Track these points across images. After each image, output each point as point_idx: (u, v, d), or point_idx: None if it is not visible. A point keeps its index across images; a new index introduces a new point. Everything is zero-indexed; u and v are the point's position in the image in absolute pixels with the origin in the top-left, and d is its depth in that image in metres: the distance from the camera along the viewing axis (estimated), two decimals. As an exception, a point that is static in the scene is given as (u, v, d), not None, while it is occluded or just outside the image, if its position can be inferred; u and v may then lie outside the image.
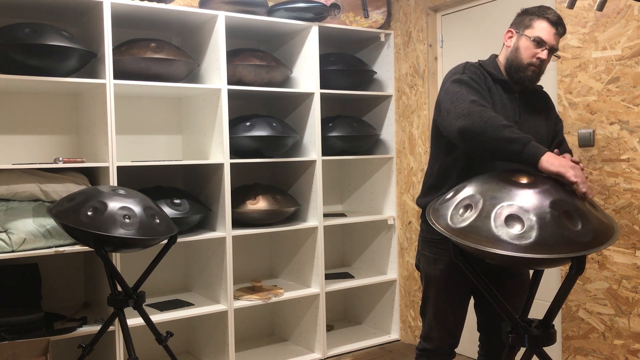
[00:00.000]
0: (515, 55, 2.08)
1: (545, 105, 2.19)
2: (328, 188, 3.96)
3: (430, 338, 2.14)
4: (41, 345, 2.35)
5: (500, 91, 2.09)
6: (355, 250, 3.98)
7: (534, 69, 2.05)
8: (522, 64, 2.06)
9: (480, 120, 1.86)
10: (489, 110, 1.89)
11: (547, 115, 2.18)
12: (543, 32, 2.03)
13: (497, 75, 2.10)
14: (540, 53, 2.03)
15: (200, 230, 3.16)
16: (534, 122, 2.12)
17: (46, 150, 2.98)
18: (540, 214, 1.60)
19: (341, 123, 3.49)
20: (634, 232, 2.50)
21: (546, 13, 2.05)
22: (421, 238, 2.20)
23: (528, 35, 2.05)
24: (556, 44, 2.06)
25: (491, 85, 2.08)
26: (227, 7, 3.09)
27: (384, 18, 3.66)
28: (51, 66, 2.59)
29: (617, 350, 2.57)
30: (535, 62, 2.04)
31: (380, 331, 3.79)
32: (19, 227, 2.52)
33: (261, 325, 3.71)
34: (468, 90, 1.97)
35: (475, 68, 2.09)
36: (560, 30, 2.05)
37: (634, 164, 2.50)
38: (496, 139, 1.83)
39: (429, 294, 2.14)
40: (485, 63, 2.15)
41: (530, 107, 2.13)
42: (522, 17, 2.10)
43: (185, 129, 3.36)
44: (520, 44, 2.07)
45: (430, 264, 2.13)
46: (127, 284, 2.47)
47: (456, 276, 2.08)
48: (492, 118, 1.85)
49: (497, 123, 1.84)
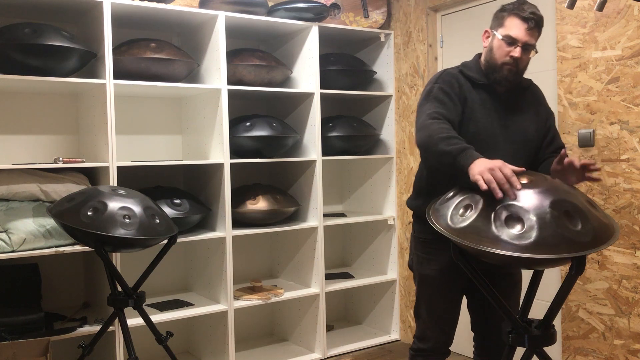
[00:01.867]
0: (490, 55, 2.05)
1: (534, 102, 2.15)
2: (328, 188, 3.96)
3: (425, 338, 2.13)
4: (41, 345, 2.35)
5: (483, 95, 2.06)
6: (355, 250, 3.98)
7: (510, 68, 2.01)
8: (497, 64, 2.02)
9: (426, 133, 1.88)
10: (438, 123, 1.88)
11: (536, 112, 2.14)
12: (514, 29, 1.98)
13: (479, 80, 2.07)
14: (513, 51, 1.99)
15: (200, 230, 3.16)
16: (521, 122, 2.09)
17: (46, 150, 2.98)
18: (540, 214, 1.60)
19: (341, 123, 3.49)
20: (634, 232, 2.50)
21: (518, 9, 1.99)
22: (414, 238, 2.19)
23: (499, 34, 2.01)
24: (530, 39, 2.00)
25: (469, 92, 2.05)
26: (227, 7, 3.09)
27: (384, 18, 3.66)
28: (51, 66, 2.59)
29: (617, 350, 2.57)
30: (509, 60, 2.00)
31: (380, 331, 3.79)
32: (19, 227, 2.52)
33: (261, 325, 3.71)
34: (432, 103, 1.98)
35: (451, 77, 2.06)
36: (532, 24, 1.98)
37: (634, 164, 2.50)
38: (435, 153, 1.86)
39: (423, 294, 2.14)
40: (467, 67, 2.11)
41: (516, 106, 2.10)
42: (497, 15, 2.06)
43: (185, 129, 3.36)
44: (494, 43, 2.04)
45: (424, 264, 2.12)
46: (127, 284, 2.47)
47: (450, 276, 2.08)
48: (435, 131, 1.86)
49: (437, 136, 1.84)
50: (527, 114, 2.11)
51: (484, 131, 2.04)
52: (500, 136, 2.05)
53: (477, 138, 2.02)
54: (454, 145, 1.82)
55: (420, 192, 2.16)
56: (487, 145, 2.03)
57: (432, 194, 2.07)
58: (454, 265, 2.06)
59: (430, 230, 2.08)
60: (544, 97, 2.20)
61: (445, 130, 1.87)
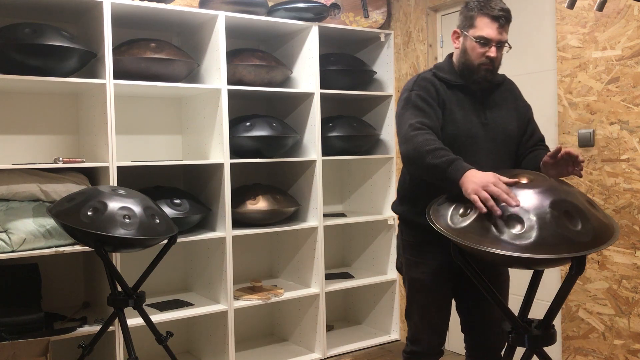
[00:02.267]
0: (464, 57, 2.03)
1: (512, 96, 2.14)
2: (328, 188, 3.96)
3: (418, 340, 2.12)
4: (41, 345, 2.35)
5: (459, 95, 2.05)
6: (355, 250, 3.98)
7: (487, 67, 2.00)
8: (473, 65, 2.01)
9: (412, 146, 1.87)
10: (422, 135, 1.87)
11: (515, 106, 2.13)
12: (486, 29, 1.96)
13: (454, 81, 2.05)
14: (488, 52, 1.98)
15: (200, 230, 3.16)
16: (502, 119, 2.07)
17: (46, 150, 2.98)
18: (540, 214, 1.60)
19: (341, 123, 3.49)
20: (634, 232, 2.50)
21: (487, 7, 1.97)
22: (402, 242, 2.17)
23: (472, 36, 1.99)
24: (503, 37, 1.98)
25: (446, 94, 2.03)
26: (227, 7, 3.09)
27: (384, 18, 3.66)
28: (51, 66, 2.59)
29: (617, 350, 2.57)
30: (485, 61, 1.99)
31: (380, 331, 3.79)
32: (19, 227, 2.52)
33: (261, 325, 3.71)
34: (412, 111, 1.96)
35: (426, 81, 2.04)
36: (503, 21, 1.97)
37: (634, 164, 2.50)
38: (423, 166, 1.85)
39: (414, 297, 2.12)
40: (440, 68, 2.09)
41: (495, 103, 2.09)
42: (464, 14, 2.03)
43: (185, 129, 3.36)
44: (466, 45, 2.02)
45: (413, 267, 2.10)
46: (127, 284, 2.47)
47: (440, 278, 2.07)
48: (421, 144, 1.85)
49: (423, 149, 1.84)
50: (506, 109, 2.10)
51: (464, 132, 2.02)
52: (481, 135, 2.04)
53: (458, 139, 2.01)
54: (442, 158, 1.81)
55: (405, 197, 2.14)
56: (469, 145, 2.02)
57: (417, 199, 2.07)
58: (444, 268, 2.06)
59: (419, 234, 2.09)
60: (519, 91, 2.19)
61: (430, 141, 1.86)
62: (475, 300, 2.12)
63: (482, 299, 2.10)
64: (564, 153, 1.85)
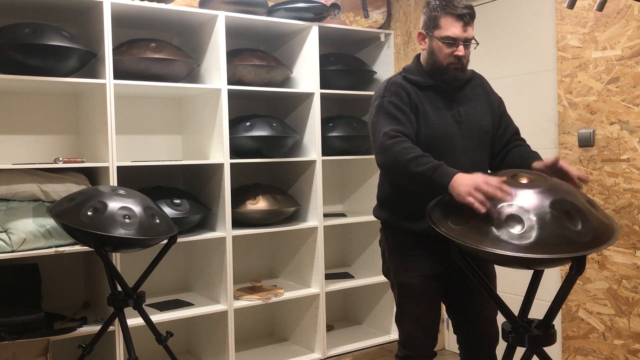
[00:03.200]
0: (432, 58, 2.02)
1: (483, 91, 2.12)
2: (328, 188, 3.96)
3: (411, 345, 2.10)
4: (41, 345, 2.35)
5: (431, 96, 2.03)
6: (355, 250, 3.98)
7: (456, 66, 1.99)
8: (442, 66, 2.00)
9: (391, 156, 1.86)
10: (399, 143, 1.86)
11: (488, 101, 2.11)
12: (451, 29, 1.95)
13: (424, 82, 2.04)
14: (456, 51, 1.97)
15: (200, 230, 3.16)
16: (475, 115, 2.06)
17: (46, 150, 2.98)
18: (540, 214, 1.60)
19: (341, 123, 3.49)
20: (634, 232, 2.50)
21: (450, 7, 1.96)
22: (387, 247, 2.15)
23: (438, 37, 1.98)
24: (469, 34, 1.97)
25: (417, 96, 2.01)
26: (227, 7, 3.09)
27: (384, 18, 3.66)
28: (51, 66, 2.59)
29: (617, 350, 2.57)
30: (454, 60, 1.98)
31: (380, 331, 3.79)
32: (19, 227, 2.52)
33: (261, 325, 3.71)
34: (385, 119, 1.95)
35: (397, 86, 2.02)
36: (468, 19, 1.96)
37: (634, 164, 2.50)
38: (406, 175, 1.84)
39: (404, 302, 2.10)
40: (409, 70, 2.08)
41: (468, 99, 2.07)
42: (428, 15, 2.02)
43: (185, 129, 3.36)
44: (433, 46, 2.00)
45: (402, 272, 2.09)
46: (127, 284, 2.47)
47: (429, 281, 2.05)
48: (400, 153, 1.84)
49: (404, 159, 1.83)
50: (479, 105, 2.09)
51: (440, 132, 2.01)
52: (457, 134, 2.02)
53: (434, 140, 2.00)
54: (425, 165, 1.80)
55: (386, 203, 2.13)
56: (446, 145, 2.01)
57: (398, 204, 2.06)
58: (432, 271, 2.05)
59: (405, 239, 2.08)
60: (489, 84, 2.18)
61: (409, 149, 1.85)
62: (465, 298, 2.11)
63: (472, 297, 2.09)
64: (560, 167, 1.83)
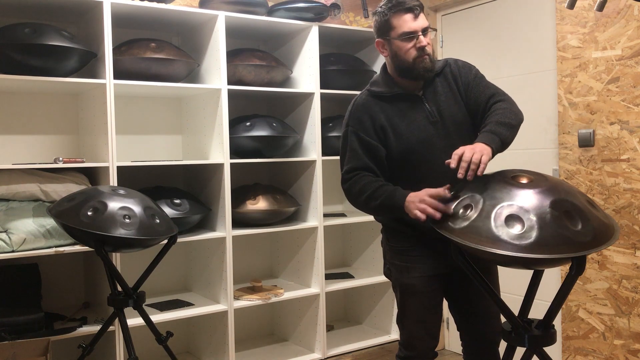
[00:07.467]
0: (397, 60, 2.00)
1: (453, 79, 2.08)
2: (328, 188, 3.96)
3: (412, 345, 2.10)
4: (41, 345, 2.35)
5: (400, 105, 2.03)
6: (355, 250, 3.98)
7: (423, 58, 1.97)
8: (409, 63, 1.98)
9: (351, 199, 2.03)
10: (355, 183, 1.99)
11: (456, 89, 2.06)
12: (406, 24, 1.95)
13: (391, 92, 2.03)
14: (418, 42, 1.96)
15: (200, 230, 3.16)
16: (449, 109, 2.03)
17: (46, 150, 2.98)
18: (540, 214, 1.60)
19: (341, 123, 3.48)
20: (634, 232, 2.50)
21: (395, 5, 1.96)
22: (388, 248, 2.16)
23: (395, 37, 1.97)
24: (424, 23, 1.97)
25: (384, 112, 2.01)
26: (227, 7, 3.09)
27: (384, 18, 3.65)
28: (51, 66, 2.59)
29: (617, 350, 2.57)
30: (418, 53, 1.96)
31: (380, 331, 3.79)
32: (19, 227, 2.52)
33: (261, 325, 3.71)
34: (346, 153, 2.05)
35: (361, 110, 2.04)
36: (418, 10, 1.96)
37: (634, 164, 2.50)
38: (371, 210, 2.01)
39: (406, 302, 2.10)
40: (376, 83, 2.07)
41: (439, 97, 2.05)
42: (379, 22, 2.01)
43: (185, 129, 3.36)
44: (394, 48, 1.99)
45: (404, 273, 2.09)
46: (127, 284, 2.47)
47: (431, 281, 2.06)
48: (357, 194, 1.99)
49: (361, 199, 1.98)
50: (451, 97, 2.05)
51: (414, 142, 2.00)
52: (433, 136, 2.01)
53: (409, 153, 2.00)
54: (381, 197, 1.93)
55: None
56: (425, 150, 2.00)
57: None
58: (433, 271, 2.05)
59: (405, 240, 2.09)
60: (462, 64, 2.09)
61: (364, 187, 1.97)
62: (467, 296, 2.11)
63: (474, 294, 2.10)
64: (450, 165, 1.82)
